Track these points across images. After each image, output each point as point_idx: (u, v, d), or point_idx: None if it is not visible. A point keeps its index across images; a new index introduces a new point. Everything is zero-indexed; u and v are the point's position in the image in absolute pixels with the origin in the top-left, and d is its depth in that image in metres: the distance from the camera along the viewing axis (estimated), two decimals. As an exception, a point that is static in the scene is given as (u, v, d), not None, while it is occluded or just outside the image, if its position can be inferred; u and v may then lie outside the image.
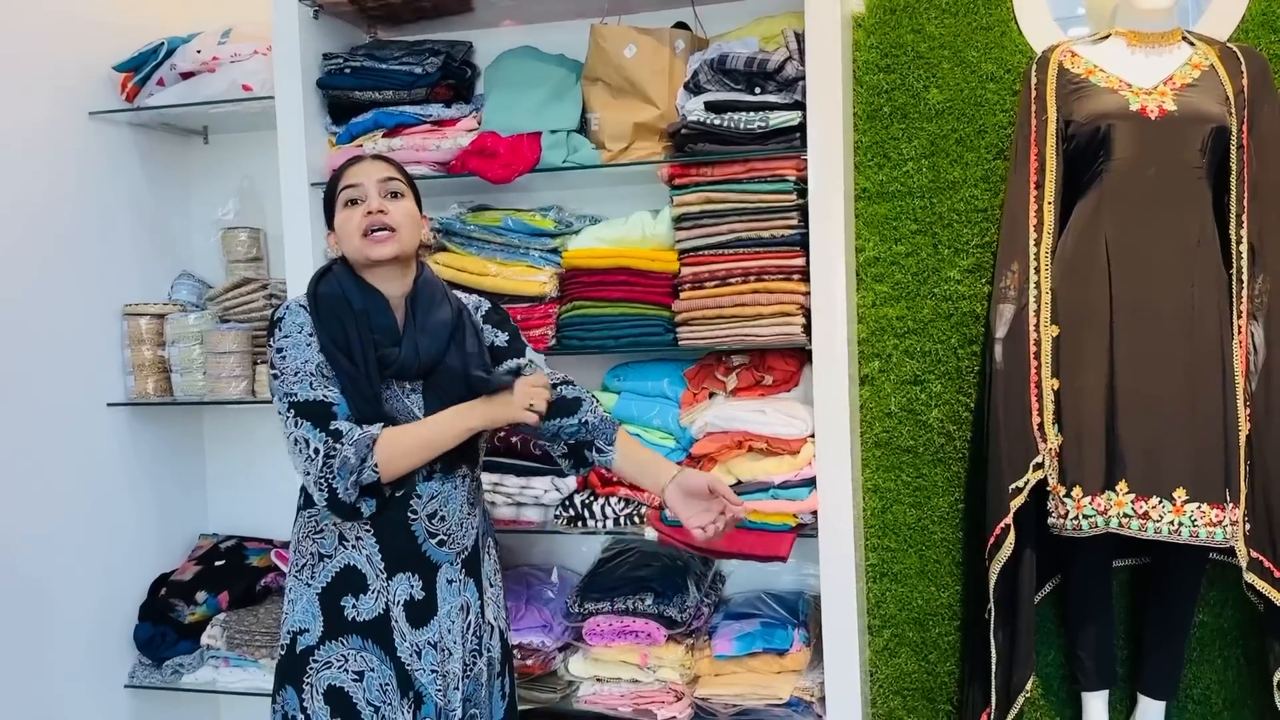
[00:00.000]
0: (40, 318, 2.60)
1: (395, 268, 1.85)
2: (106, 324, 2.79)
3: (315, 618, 1.81)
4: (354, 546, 1.81)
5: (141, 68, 2.73)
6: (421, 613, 1.83)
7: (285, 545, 2.89)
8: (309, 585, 1.83)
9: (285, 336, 1.79)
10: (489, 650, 1.94)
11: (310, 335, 1.79)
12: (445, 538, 1.86)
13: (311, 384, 1.75)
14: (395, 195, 1.86)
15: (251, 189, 2.95)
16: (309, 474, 1.73)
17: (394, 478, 1.76)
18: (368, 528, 1.81)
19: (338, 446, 1.71)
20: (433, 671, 1.84)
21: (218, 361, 2.70)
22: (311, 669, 1.79)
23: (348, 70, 2.55)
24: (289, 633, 1.83)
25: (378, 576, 1.81)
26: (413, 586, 1.83)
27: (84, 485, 2.71)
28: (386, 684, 1.80)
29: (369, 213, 1.82)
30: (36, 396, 2.59)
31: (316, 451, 1.71)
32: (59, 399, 2.65)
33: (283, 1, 2.52)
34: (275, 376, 1.78)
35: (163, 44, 2.71)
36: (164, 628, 2.77)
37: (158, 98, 2.71)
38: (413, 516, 1.83)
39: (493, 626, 1.95)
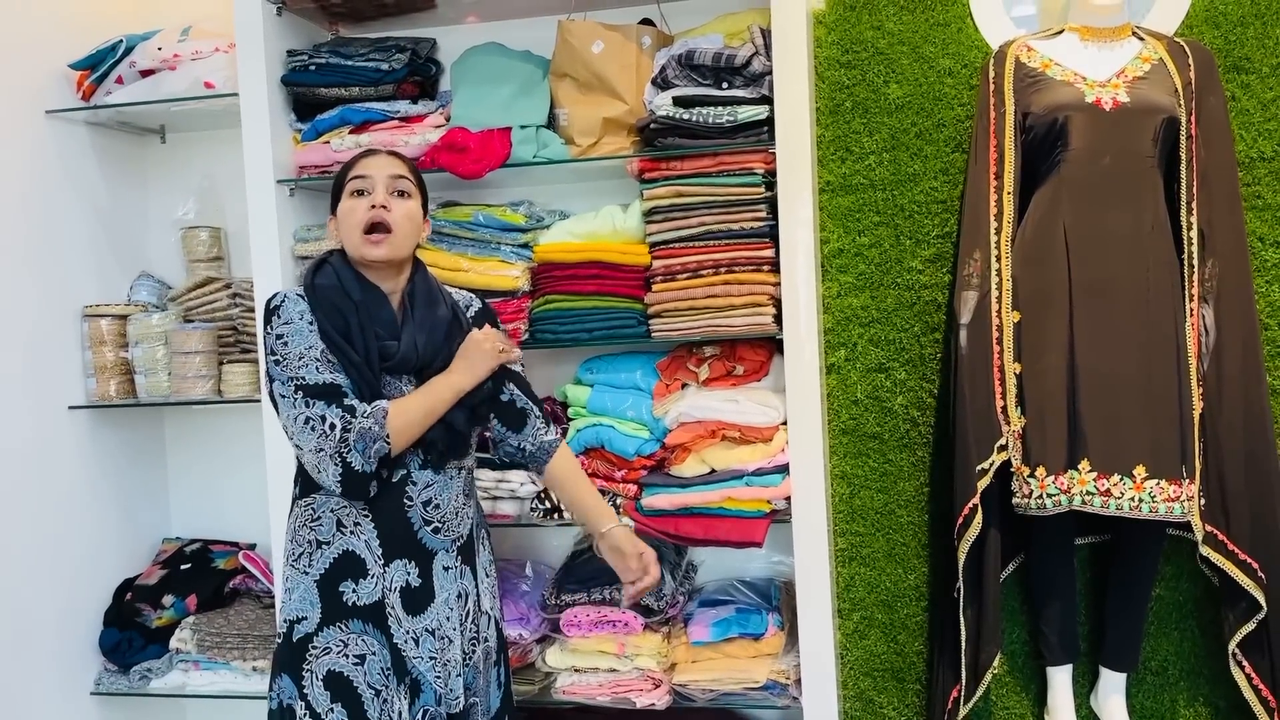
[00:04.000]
0: (-3, 319, 2.56)
1: (391, 266, 1.87)
2: (65, 326, 2.75)
3: (313, 605, 1.81)
4: (353, 532, 1.82)
5: (99, 66, 2.70)
6: (418, 599, 1.84)
7: (252, 547, 2.89)
8: (306, 573, 1.83)
9: (286, 323, 1.79)
10: (486, 639, 1.95)
11: (311, 323, 1.80)
12: (440, 525, 1.88)
13: (318, 368, 1.76)
14: (402, 194, 1.88)
15: (211, 188, 2.92)
16: (323, 450, 1.73)
17: (400, 449, 1.79)
18: (366, 513, 1.82)
19: (354, 420, 1.73)
20: (431, 659, 1.85)
21: (183, 361, 2.67)
22: (311, 655, 1.80)
23: (312, 67, 2.55)
24: (286, 621, 1.83)
25: (376, 562, 1.82)
26: (409, 573, 1.84)
27: (45, 490, 2.66)
28: (387, 667, 1.82)
29: (372, 206, 1.83)
30: (-5, 400, 2.54)
31: (332, 427, 1.73)
32: (18, 402, 2.60)
33: (245, -1, 2.51)
34: (277, 362, 1.78)
35: (121, 41, 2.68)
36: (130, 633, 2.73)
37: (117, 95, 2.68)
38: (409, 503, 1.84)
39: (489, 615, 1.97)
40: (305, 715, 1.80)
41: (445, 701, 1.86)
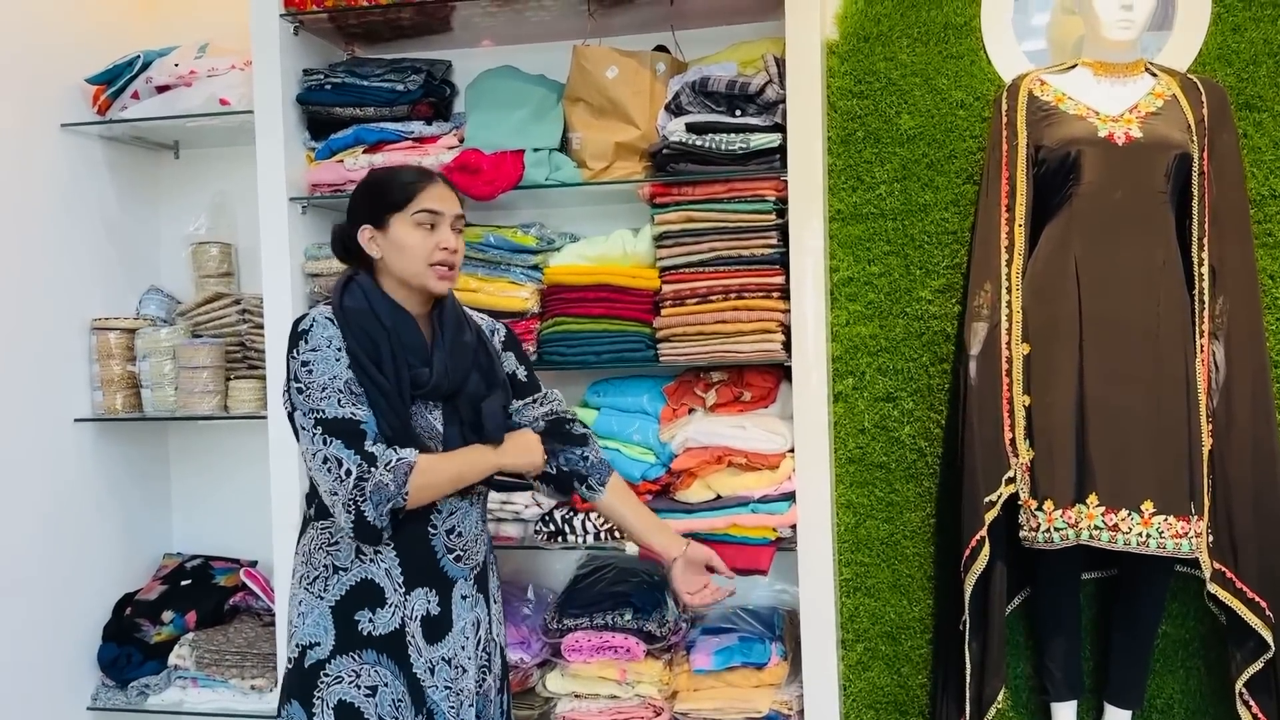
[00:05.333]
0: (5, 331, 2.56)
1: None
2: (73, 338, 2.75)
3: (327, 631, 1.77)
4: (373, 560, 1.77)
5: (115, 80, 2.72)
6: (437, 629, 1.81)
7: (253, 564, 2.88)
8: (321, 598, 1.78)
9: (313, 350, 1.74)
10: (495, 667, 1.93)
11: (339, 350, 1.73)
12: (462, 553, 1.85)
13: (340, 400, 1.71)
14: (459, 232, 1.86)
15: (223, 204, 2.93)
16: (336, 494, 1.69)
17: (418, 506, 1.75)
18: (388, 542, 1.77)
19: (372, 471, 1.68)
20: (447, 688, 1.81)
21: (190, 376, 2.67)
22: (322, 683, 1.75)
23: (328, 86, 2.56)
24: (298, 646, 1.78)
25: (396, 590, 1.78)
26: (429, 602, 1.81)
27: (48, 502, 2.66)
28: (400, 700, 1.77)
29: (444, 248, 1.80)
30: (1, 412, 2.54)
31: (348, 473, 1.67)
32: (25, 414, 2.61)
33: (263, 17, 2.53)
34: (300, 390, 1.72)
35: (138, 57, 2.70)
36: (129, 648, 2.72)
37: (133, 110, 2.69)
38: (432, 531, 1.81)
39: (497, 642, 1.95)
40: None
41: None
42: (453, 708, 1.82)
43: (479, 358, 1.88)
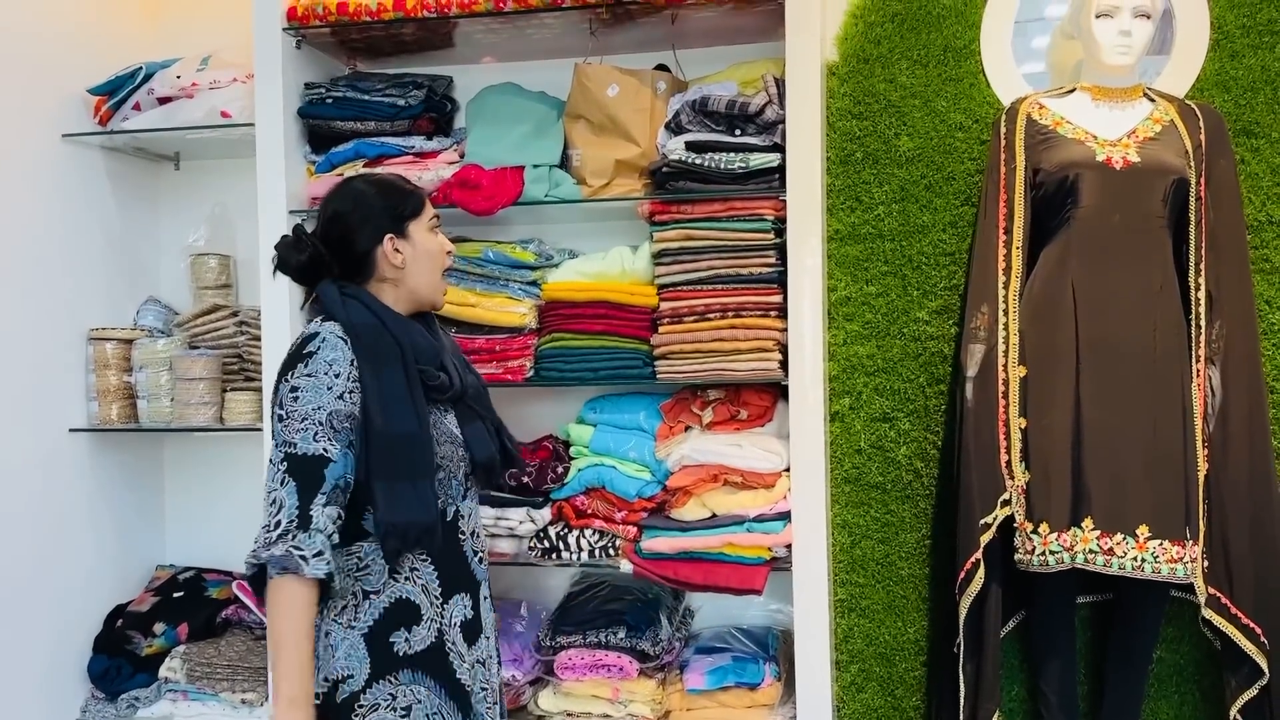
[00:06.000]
0: (2, 340, 2.56)
1: None
2: (70, 348, 2.75)
3: (362, 661, 1.71)
4: (408, 578, 1.74)
5: (117, 91, 2.73)
6: (473, 631, 1.81)
7: (245, 577, 2.86)
8: (352, 627, 1.71)
9: (308, 375, 1.68)
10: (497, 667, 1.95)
11: (336, 376, 1.68)
12: (482, 554, 1.86)
13: (315, 435, 1.65)
14: None
15: (223, 215, 2.93)
16: (258, 536, 1.64)
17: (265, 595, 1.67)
18: (425, 557, 1.75)
19: (296, 534, 1.61)
20: (483, 689, 1.82)
21: (186, 388, 2.67)
22: (358, 714, 1.70)
23: (329, 100, 2.57)
24: (328, 680, 1.71)
25: (432, 604, 1.75)
26: (465, 606, 1.80)
27: (41, 512, 2.65)
28: (434, 713, 1.74)
29: (449, 251, 1.84)
30: (-3, 420, 2.54)
31: (278, 524, 1.62)
32: (20, 423, 2.60)
33: (265, 31, 2.54)
34: (280, 419, 1.67)
35: (140, 69, 2.71)
36: (119, 660, 2.70)
37: (134, 122, 2.70)
38: (463, 537, 1.81)
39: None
40: None
41: None
42: (489, 708, 1.82)
43: (465, 358, 1.91)
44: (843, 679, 2.56)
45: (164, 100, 2.71)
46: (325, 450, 1.65)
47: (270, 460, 1.68)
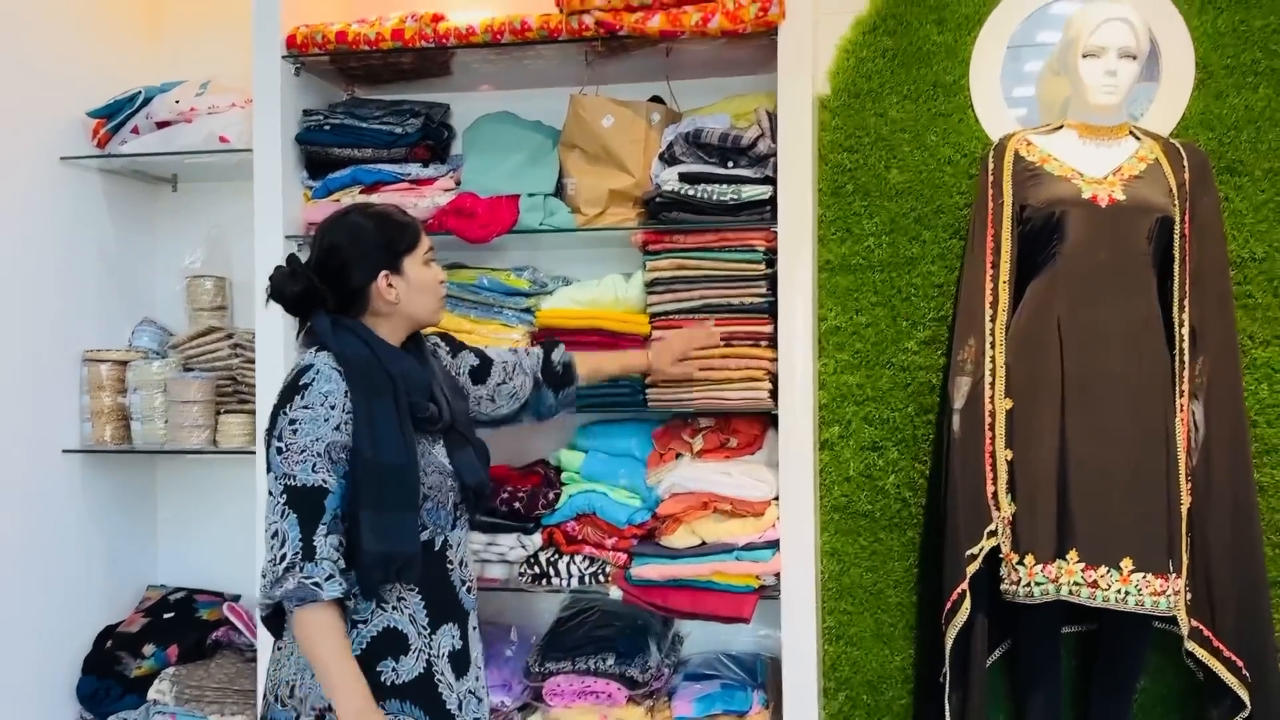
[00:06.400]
0: (-2, 360, 2.58)
1: None
2: (65, 369, 2.77)
3: None
4: (395, 608, 1.77)
5: (116, 115, 2.75)
6: (461, 662, 1.83)
7: (236, 598, 2.87)
8: None
9: (305, 407, 1.71)
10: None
11: (332, 408, 1.72)
12: (470, 584, 1.88)
13: (314, 466, 1.69)
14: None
15: (219, 238, 2.96)
16: (264, 570, 1.69)
17: (291, 624, 1.73)
18: (411, 587, 1.78)
19: (304, 565, 1.66)
20: (474, 718, 1.84)
21: (180, 410, 2.68)
22: None
23: (327, 127, 2.60)
24: (314, 709, 1.74)
25: (420, 635, 1.78)
26: (454, 637, 1.83)
27: (33, 532, 2.66)
28: None
29: (442, 281, 1.89)
30: (-10, 440, 2.55)
31: (283, 557, 1.66)
32: (13, 444, 2.61)
33: (265, 58, 2.57)
34: (279, 451, 1.71)
35: (139, 92, 2.73)
36: (108, 681, 2.71)
37: (133, 145, 2.72)
38: (450, 567, 1.84)
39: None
40: None
41: None
42: None
43: (455, 383, 1.94)
44: (830, 707, 2.57)
45: (162, 124, 2.73)
46: (324, 481, 1.69)
47: (270, 492, 1.71)
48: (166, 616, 2.83)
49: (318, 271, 1.83)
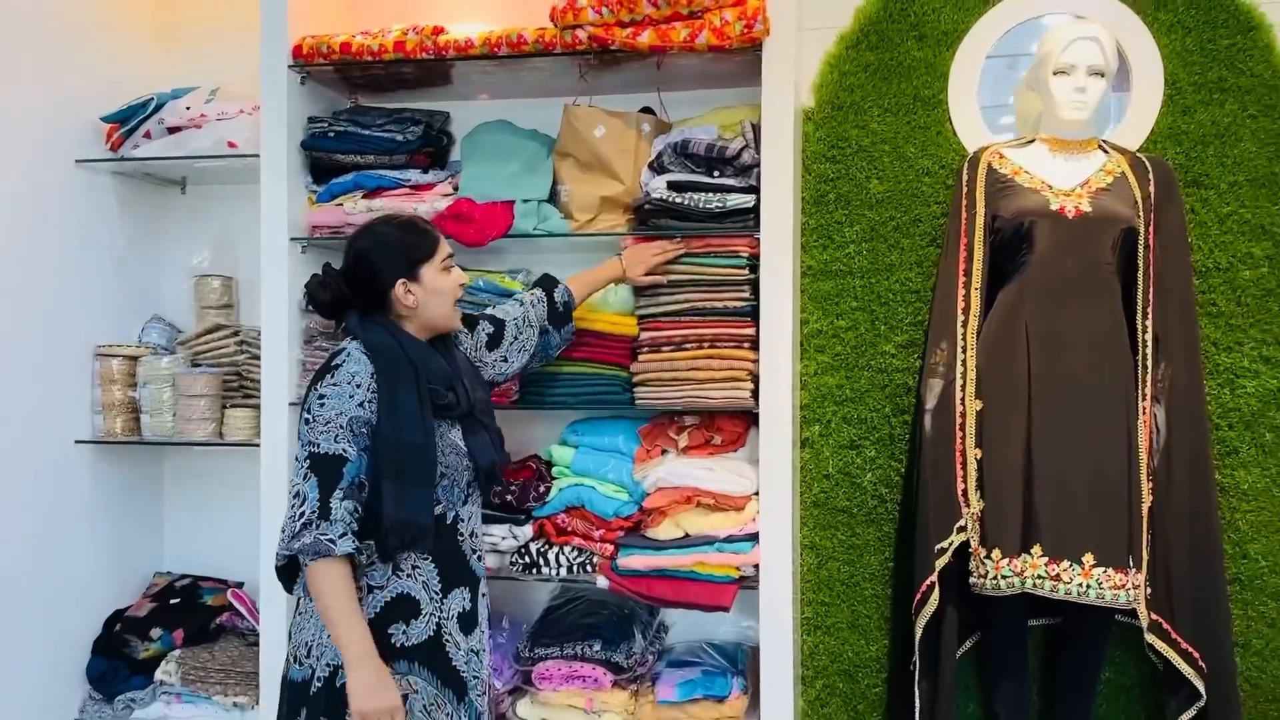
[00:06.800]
0: (14, 355, 2.69)
1: None
2: (78, 363, 2.88)
3: None
4: (410, 575, 1.95)
5: (129, 120, 2.86)
6: (469, 622, 2.02)
7: (240, 585, 2.98)
8: None
9: (334, 384, 1.90)
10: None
11: (358, 388, 1.90)
12: (480, 554, 2.07)
13: (336, 436, 1.87)
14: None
15: (226, 239, 3.07)
16: (284, 526, 1.87)
17: (305, 579, 1.90)
18: (425, 556, 1.95)
19: (319, 524, 1.82)
20: (475, 677, 2.02)
21: (188, 404, 2.79)
22: None
23: (331, 134, 2.70)
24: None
25: (432, 599, 1.96)
26: (464, 600, 2.01)
27: (46, 519, 2.77)
28: (430, 705, 1.93)
29: (461, 284, 2.05)
30: (5, 432, 2.66)
31: (301, 515, 1.84)
32: (28, 434, 2.72)
33: (272, 67, 2.67)
34: (307, 422, 1.89)
35: (152, 99, 2.84)
36: (117, 663, 2.82)
37: (145, 149, 2.83)
38: (461, 538, 2.02)
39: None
40: None
41: (477, 716, 2.03)
42: (480, 695, 2.02)
43: (476, 372, 2.13)
44: (808, 694, 2.68)
45: (173, 130, 2.84)
46: (344, 451, 1.86)
47: (296, 458, 1.90)
48: (173, 602, 2.93)
49: (347, 276, 2.02)
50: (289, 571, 1.96)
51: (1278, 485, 2.49)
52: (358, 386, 1.90)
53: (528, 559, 2.55)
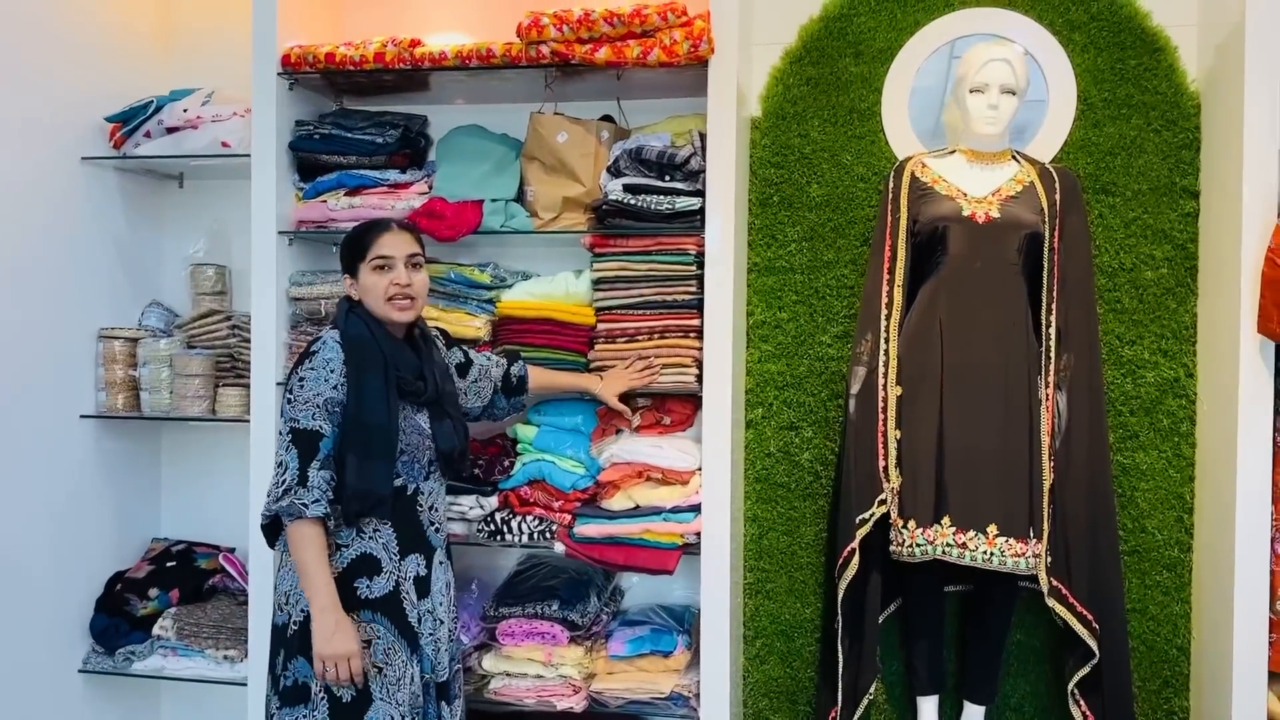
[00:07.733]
0: (24, 336, 2.92)
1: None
2: (83, 344, 3.11)
3: None
4: (371, 537, 2.21)
5: (130, 120, 3.08)
6: (424, 587, 2.27)
7: (231, 550, 3.23)
8: None
9: (311, 369, 2.18)
10: (455, 621, 2.40)
11: (332, 372, 2.17)
12: (439, 526, 2.32)
13: (314, 414, 2.14)
14: (417, 267, 2.29)
15: (220, 231, 3.30)
16: (269, 490, 2.15)
17: (286, 537, 2.18)
18: (385, 522, 2.22)
19: (297, 490, 2.10)
20: (430, 635, 2.27)
21: (184, 383, 3.03)
22: None
23: (317, 136, 2.93)
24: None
25: (391, 560, 2.22)
26: (419, 565, 2.27)
27: (52, 488, 3.01)
28: (390, 649, 2.20)
29: (395, 284, 2.23)
30: (16, 407, 2.90)
31: (283, 482, 2.12)
32: (37, 410, 2.96)
33: (262, 74, 2.90)
34: (289, 401, 2.16)
35: (152, 101, 3.07)
36: (118, 620, 3.05)
37: (145, 148, 3.06)
38: (419, 509, 2.27)
39: (453, 601, 2.41)
40: (321, 692, 2.16)
41: (436, 671, 2.28)
42: (434, 651, 2.27)
43: (447, 369, 2.38)
44: (749, 651, 2.94)
45: (172, 130, 3.06)
46: (320, 427, 2.14)
47: (279, 432, 2.18)
48: (169, 565, 3.16)
49: None
50: (272, 529, 2.23)
51: (1173, 466, 2.75)
52: (331, 371, 2.17)
53: (493, 527, 2.79)
